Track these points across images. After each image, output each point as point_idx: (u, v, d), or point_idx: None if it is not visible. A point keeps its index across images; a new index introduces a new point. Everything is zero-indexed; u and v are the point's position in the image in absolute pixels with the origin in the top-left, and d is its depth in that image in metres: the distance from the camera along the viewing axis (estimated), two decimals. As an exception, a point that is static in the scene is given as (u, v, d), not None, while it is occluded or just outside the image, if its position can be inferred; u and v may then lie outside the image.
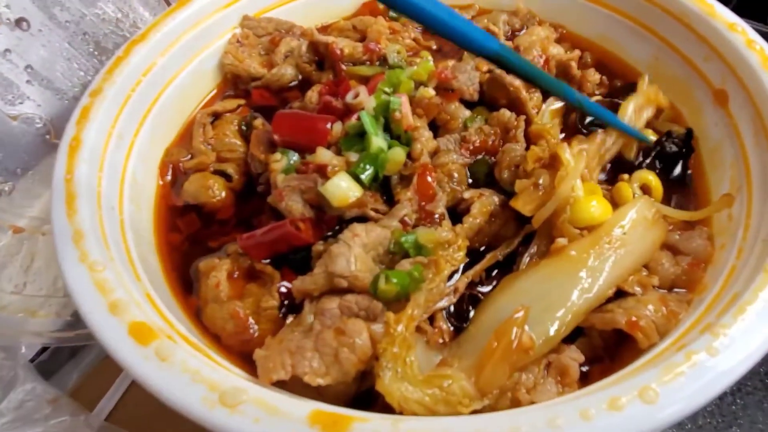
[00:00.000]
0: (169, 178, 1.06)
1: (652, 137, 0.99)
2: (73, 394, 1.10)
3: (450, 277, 0.80)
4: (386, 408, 0.65)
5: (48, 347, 1.14)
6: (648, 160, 0.97)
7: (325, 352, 0.67)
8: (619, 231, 0.80)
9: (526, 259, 0.83)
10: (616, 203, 0.87)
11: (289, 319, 0.82)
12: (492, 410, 0.66)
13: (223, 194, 1.01)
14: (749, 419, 1.08)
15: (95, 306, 0.69)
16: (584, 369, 0.74)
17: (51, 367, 1.15)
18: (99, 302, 0.69)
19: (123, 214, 0.90)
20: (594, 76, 1.11)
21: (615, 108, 0.98)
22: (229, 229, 0.98)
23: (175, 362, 0.63)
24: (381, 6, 1.32)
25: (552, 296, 0.74)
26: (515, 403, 0.67)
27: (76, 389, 1.15)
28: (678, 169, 0.97)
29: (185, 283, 0.91)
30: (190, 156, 1.08)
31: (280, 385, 0.68)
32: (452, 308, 0.79)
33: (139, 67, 1.04)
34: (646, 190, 0.92)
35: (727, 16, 0.97)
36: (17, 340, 1.01)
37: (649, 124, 1.02)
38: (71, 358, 1.18)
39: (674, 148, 0.97)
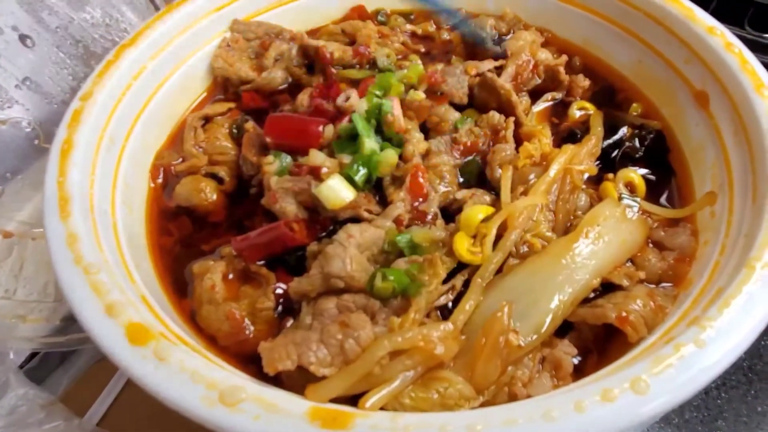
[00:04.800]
0: (160, 181, 1.06)
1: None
2: (64, 400, 1.08)
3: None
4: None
5: (37, 353, 1.13)
6: (627, 144, 1.00)
7: (331, 343, 0.68)
8: (592, 227, 0.82)
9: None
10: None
11: (285, 321, 0.83)
12: (489, 405, 0.67)
13: (215, 197, 1.01)
14: (734, 412, 1.10)
15: (91, 308, 0.69)
16: (575, 361, 0.75)
17: (41, 374, 1.13)
18: (95, 304, 0.69)
19: (115, 217, 0.90)
20: (584, 81, 1.13)
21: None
22: (222, 232, 0.99)
23: (174, 362, 0.63)
24: (369, 11, 1.34)
25: (537, 291, 0.76)
26: (512, 397, 0.69)
27: (67, 395, 1.13)
28: (659, 164, 1.00)
29: (178, 285, 0.91)
30: (181, 159, 1.08)
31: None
32: (450, 305, 0.80)
33: (129, 71, 1.03)
34: (630, 188, 0.94)
35: (706, 20, 1.00)
36: (7, 346, 1.00)
37: (623, 120, 1.05)
38: (61, 364, 1.16)
39: (649, 136, 1.00)
